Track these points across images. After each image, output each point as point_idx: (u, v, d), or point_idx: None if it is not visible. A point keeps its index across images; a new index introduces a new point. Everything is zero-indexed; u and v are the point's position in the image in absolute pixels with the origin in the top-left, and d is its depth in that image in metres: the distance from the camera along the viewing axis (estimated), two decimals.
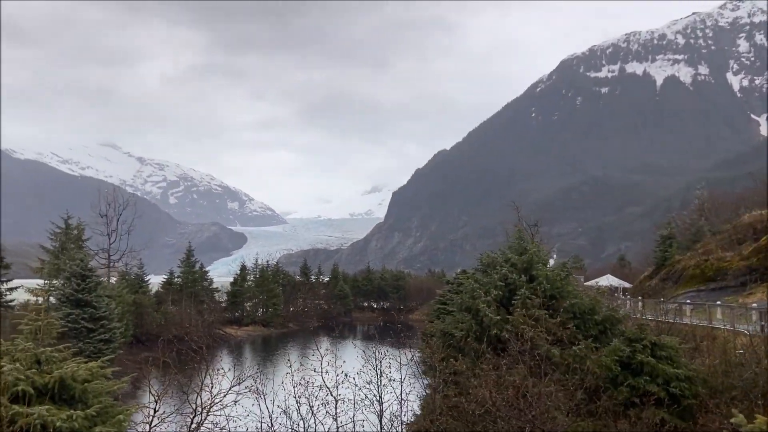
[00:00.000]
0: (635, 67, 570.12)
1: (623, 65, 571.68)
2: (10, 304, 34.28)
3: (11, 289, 33.84)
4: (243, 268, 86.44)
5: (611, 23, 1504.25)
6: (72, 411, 7.30)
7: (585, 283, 45.74)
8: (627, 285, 55.66)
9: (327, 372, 15.13)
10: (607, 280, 55.93)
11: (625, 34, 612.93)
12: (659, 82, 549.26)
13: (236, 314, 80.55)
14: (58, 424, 7.01)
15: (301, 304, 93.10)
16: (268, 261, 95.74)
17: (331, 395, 14.41)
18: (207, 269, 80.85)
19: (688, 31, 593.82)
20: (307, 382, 15.13)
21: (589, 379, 15.32)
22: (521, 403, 15.12)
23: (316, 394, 14.92)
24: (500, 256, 18.50)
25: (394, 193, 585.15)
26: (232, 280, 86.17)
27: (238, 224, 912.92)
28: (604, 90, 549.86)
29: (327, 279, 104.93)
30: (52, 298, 43.24)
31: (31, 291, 41.94)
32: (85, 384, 7.83)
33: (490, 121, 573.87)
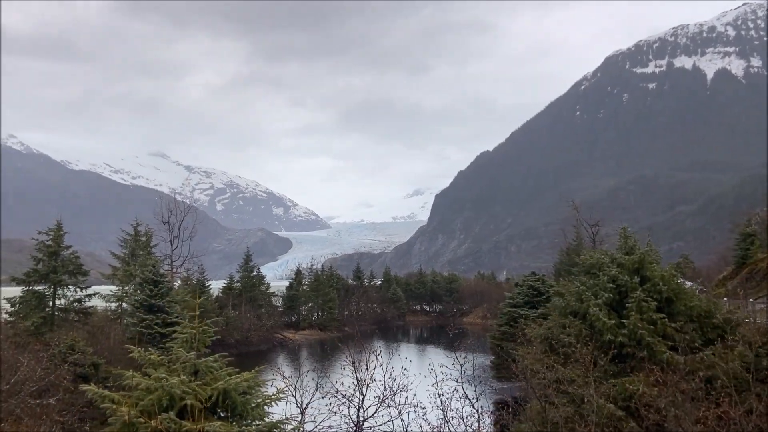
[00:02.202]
0: (684, 62, 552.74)
1: (671, 60, 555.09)
2: (89, 310, 35.04)
3: (90, 296, 34.59)
4: (298, 272, 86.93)
5: (657, 18, 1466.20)
6: (244, 427, 7.01)
7: None
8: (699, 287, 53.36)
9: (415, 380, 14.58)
10: None
11: (673, 28, 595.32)
12: (710, 76, 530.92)
13: (293, 318, 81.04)
14: None
15: (355, 308, 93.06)
16: (313, 264, 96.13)
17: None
18: (264, 274, 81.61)
19: (739, 22, 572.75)
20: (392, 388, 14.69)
21: (717, 387, 14.38)
22: (649, 412, 14.32)
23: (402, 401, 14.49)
24: (605, 256, 17.67)
25: (436, 196, 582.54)
26: (287, 284, 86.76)
27: (283, 229, 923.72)
28: (651, 86, 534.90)
29: (379, 282, 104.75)
30: (124, 304, 44.23)
31: (104, 297, 43.02)
32: (245, 396, 7.52)
33: (534, 121, 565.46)
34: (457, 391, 13.87)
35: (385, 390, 11.93)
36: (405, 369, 12.90)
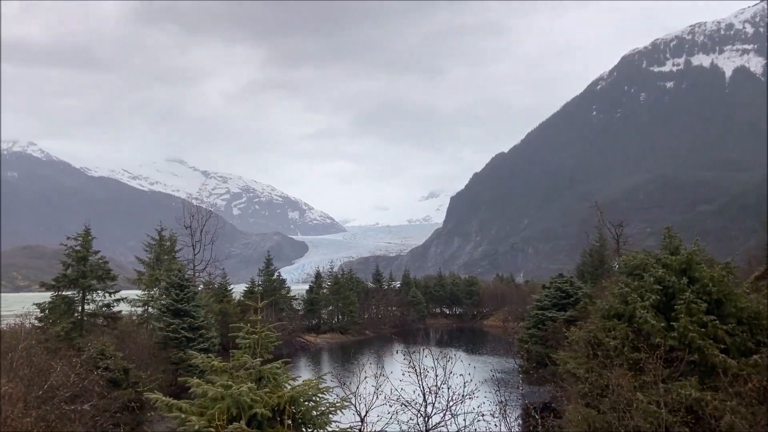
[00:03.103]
0: (702, 60, 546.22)
1: (689, 58, 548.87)
2: (118, 315, 35.15)
3: (118, 300, 34.71)
4: (318, 275, 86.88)
5: (673, 17, 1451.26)
6: None
7: None
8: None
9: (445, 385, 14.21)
10: None
11: (690, 26, 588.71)
12: (728, 73, 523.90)
13: (313, 322, 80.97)
14: None
15: (375, 311, 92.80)
16: (333, 268, 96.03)
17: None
18: (285, 278, 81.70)
19: (757, 19, 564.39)
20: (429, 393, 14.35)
21: None
22: (702, 417, 13.89)
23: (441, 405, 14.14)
24: (649, 256, 17.23)
25: (452, 198, 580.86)
26: (307, 287, 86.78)
27: (299, 233, 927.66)
28: (669, 84, 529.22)
29: (398, 285, 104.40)
30: (150, 309, 44.40)
31: (129, 301, 43.18)
32: (310, 403, 7.28)
33: (549, 121, 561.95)
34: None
35: (452, 397, 11.64)
36: (470, 374, 12.59)
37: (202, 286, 61.44)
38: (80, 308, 32.61)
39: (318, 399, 7.38)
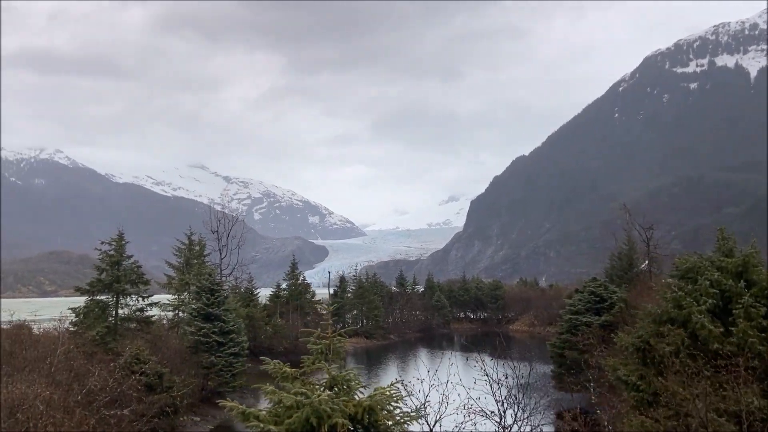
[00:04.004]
0: (726, 60, 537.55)
1: (713, 58, 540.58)
2: (151, 319, 35.31)
3: (151, 305, 34.87)
4: (342, 279, 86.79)
5: (696, 17, 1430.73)
6: None
7: None
8: None
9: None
10: None
11: (713, 26, 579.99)
12: (753, 74, 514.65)
13: (338, 326, 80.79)
14: None
15: (399, 315, 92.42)
16: (357, 271, 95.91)
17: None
18: (310, 281, 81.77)
19: None
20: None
21: None
22: (766, 426, 13.38)
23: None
24: (702, 259, 16.70)
25: (472, 202, 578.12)
26: (331, 291, 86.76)
27: (319, 238, 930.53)
28: (692, 85, 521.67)
29: (422, 289, 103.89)
30: (180, 313, 44.60)
31: (159, 306, 43.41)
32: (385, 412, 7.00)
33: (570, 124, 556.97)
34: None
35: (526, 406, 11.30)
36: (549, 383, 12.20)
37: (228, 290, 61.80)
38: (114, 312, 32.80)
39: (391, 408, 7.09)
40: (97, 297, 32.74)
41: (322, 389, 6.97)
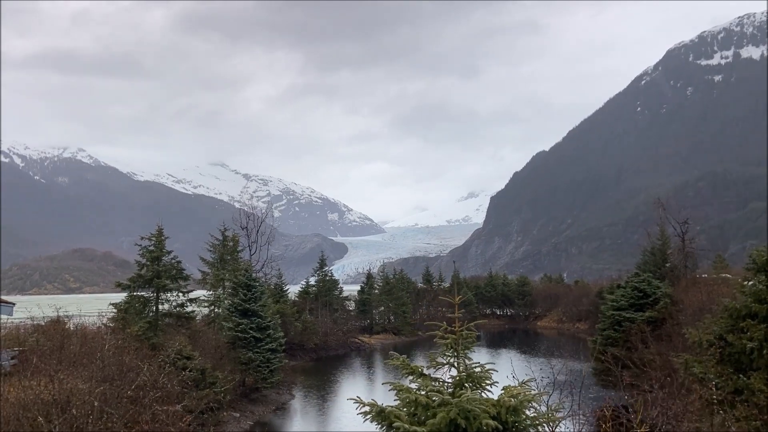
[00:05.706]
0: (751, 52, 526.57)
1: (737, 50, 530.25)
2: (191, 315, 35.30)
3: (191, 300, 34.85)
4: (369, 276, 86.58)
5: (720, 9, 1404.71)
6: None
7: None
8: None
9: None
10: None
11: (738, 18, 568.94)
12: None
13: (366, 322, 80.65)
14: None
15: (426, 312, 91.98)
16: (384, 268, 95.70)
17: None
18: (338, 278, 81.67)
19: None
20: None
21: None
22: None
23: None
24: None
25: (492, 198, 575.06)
26: (349, 288, 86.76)
27: (338, 235, 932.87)
28: (717, 78, 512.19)
29: (447, 285, 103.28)
30: (216, 308, 44.61)
31: (196, 302, 43.38)
32: (526, 413, 6.53)
33: (592, 118, 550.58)
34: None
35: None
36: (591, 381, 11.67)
37: (264, 286, 61.89)
38: (155, 308, 32.80)
39: (533, 408, 6.61)
40: (138, 292, 32.77)
41: (457, 388, 6.52)
